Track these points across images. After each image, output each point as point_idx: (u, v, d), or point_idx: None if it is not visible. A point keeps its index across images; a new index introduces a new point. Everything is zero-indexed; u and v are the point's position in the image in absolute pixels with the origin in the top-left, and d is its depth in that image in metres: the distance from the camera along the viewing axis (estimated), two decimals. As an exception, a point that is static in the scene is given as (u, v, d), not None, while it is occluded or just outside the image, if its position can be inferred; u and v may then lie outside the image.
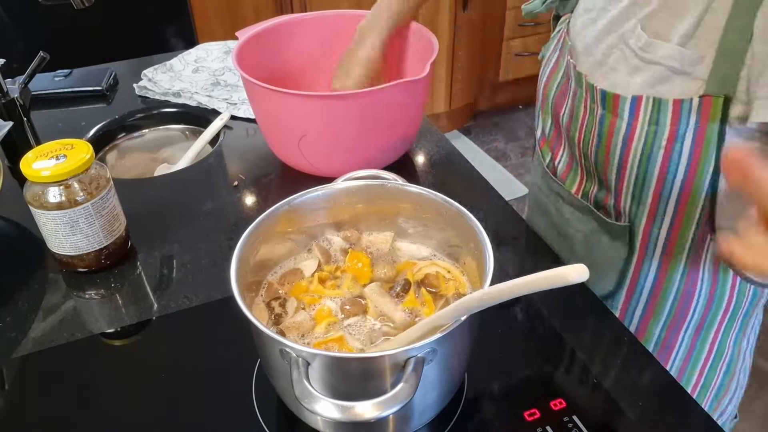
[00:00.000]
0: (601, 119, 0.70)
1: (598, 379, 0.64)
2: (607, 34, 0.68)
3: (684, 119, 0.63)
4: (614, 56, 0.67)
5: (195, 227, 0.85)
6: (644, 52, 0.63)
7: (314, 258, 0.66)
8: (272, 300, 0.62)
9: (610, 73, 0.68)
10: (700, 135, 0.63)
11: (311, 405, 0.45)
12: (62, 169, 0.70)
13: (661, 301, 0.77)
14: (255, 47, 0.92)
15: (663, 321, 0.78)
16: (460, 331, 0.51)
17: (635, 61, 0.65)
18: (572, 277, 0.42)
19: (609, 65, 0.68)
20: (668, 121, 0.64)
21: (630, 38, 0.65)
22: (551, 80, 0.81)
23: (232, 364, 0.66)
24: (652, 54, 0.63)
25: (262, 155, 0.98)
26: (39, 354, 0.68)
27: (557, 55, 0.80)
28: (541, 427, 0.59)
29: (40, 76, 1.04)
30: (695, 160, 0.64)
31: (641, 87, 0.65)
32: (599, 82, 0.69)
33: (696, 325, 0.78)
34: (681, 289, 0.75)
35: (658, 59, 0.62)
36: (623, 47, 0.66)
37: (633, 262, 0.76)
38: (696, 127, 0.63)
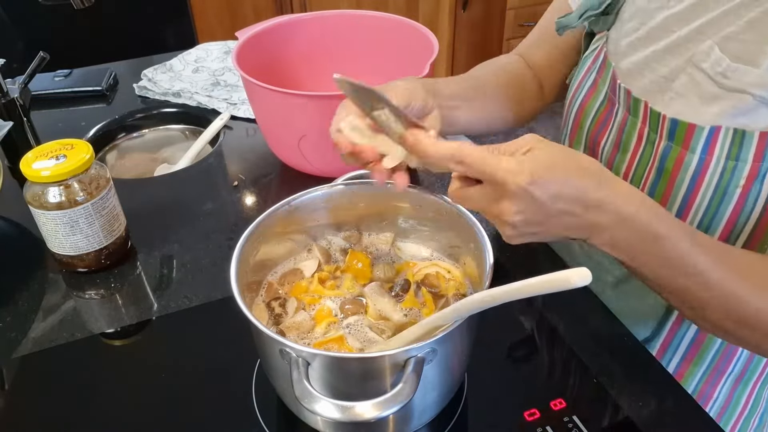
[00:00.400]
0: (664, 152, 0.60)
1: (598, 379, 0.63)
2: (670, 54, 0.60)
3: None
4: (680, 81, 0.58)
5: (195, 227, 0.85)
6: (724, 78, 0.54)
7: (314, 258, 0.66)
8: (272, 300, 0.62)
9: (675, 99, 0.59)
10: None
11: (311, 405, 0.45)
12: (62, 169, 0.70)
13: (701, 354, 0.70)
14: (255, 47, 0.92)
15: (701, 374, 0.72)
16: (460, 332, 0.51)
17: (712, 88, 0.56)
18: (574, 280, 0.41)
19: (674, 91, 0.59)
20: (751, 157, 0.55)
21: (704, 61, 0.56)
22: (587, 105, 0.71)
23: (232, 364, 0.66)
24: (735, 81, 0.54)
25: (262, 155, 0.98)
26: (39, 354, 0.68)
27: (594, 77, 0.71)
28: (541, 427, 0.59)
29: (40, 76, 1.04)
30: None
31: (718, 117, 0.56)
32: (662, 109, 0.60)
33: (736, 377, 0.72)
34: (725, 343, 0.69)
35: (743, 87, 0.54)
36: (693, 71, 0.57)
37: (675, 312, 0.69)
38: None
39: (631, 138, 0.65)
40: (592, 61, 0.72)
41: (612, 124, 0.68)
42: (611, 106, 0.68)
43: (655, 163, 0.62)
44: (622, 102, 0.65)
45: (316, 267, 0.65)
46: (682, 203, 0.61)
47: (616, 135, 0.67)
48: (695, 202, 0.60)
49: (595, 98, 0.70)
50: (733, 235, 0.60)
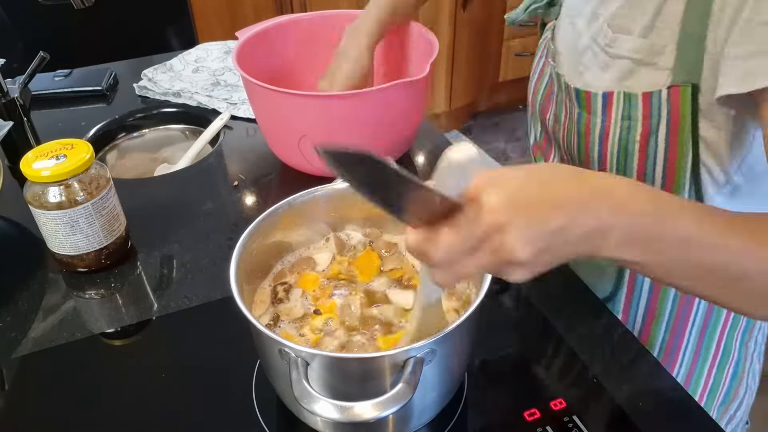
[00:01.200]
0: (578, 118, 0.70)
1: (598, 378, 0.63)
2: (581, 35, 0.69)
3: (655, 112, 0.63)
4: (587, 56, 0.68)
5: (195, 227, 0.85)
6: (610, 47, 0.64)
7: (329, 251, 0.66)
8: (278, 285, 0.62)
9: (584, 72, 0.69)
10: (674, 127, 0.62)
11: (310, 405, 0.45)
12: (62, 169, 0.70)
13: (661, 301, 0.75)
14: (255, 47, 0.92)
15: (666, 322, 0.76)
16: (460, 332, 0.51)
17: (604, 58, 0.65)
18: (453, 155, 0.40)
19: (583, 65, 0.69)
20: (640, 115, 0.64)
21: (598, 36, 0.66)
22: (538, 86, 0.82)
23: (232, 364, 0.66)
24: (617, 48, 0.64)
25: (262, 155, 0.98)
26: (39, 354, 0.68)
27: (543, 61, 0.81)
28: (541, 427, 0.59)
29: (40, 76, 1.04)
30: (672, 153, 0.64)
31: (611, 83, 0.65)
32: (574, 81, 0.70)
33: (700, 325, 0.76)
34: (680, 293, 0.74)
35: (623, 53, 0.63)
36: (594, 46, 0.67)
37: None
38: (668, 120, 0.62)
39: (561, 109, 0.75)
40: (543, 48, 0.82)
41: (552, 100, 0.78)
42: (552, 84, 0.78)
43: (575, 128, 0.72)
44: (555, 79, 0.75)
45: (330, 259, 0.65)
46: (598, 161, 0.69)
47: (555, 109, 0.77)
48: (607, 158, 0.68)
49: (543, 79, 0.81)
50: (646, 182, 0.66)
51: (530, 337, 0.70)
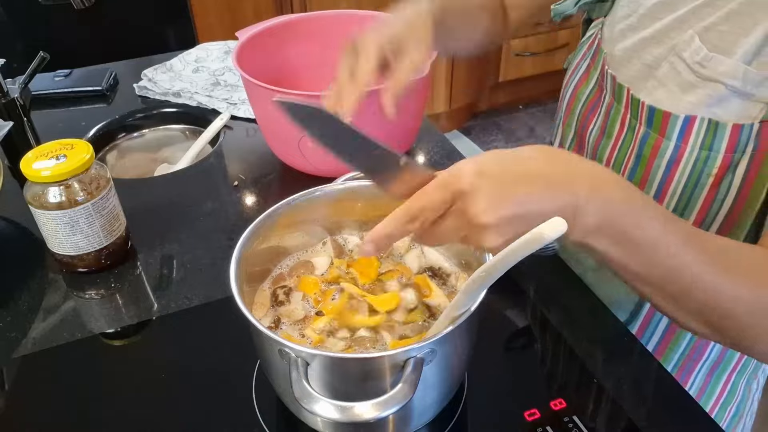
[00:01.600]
0: (643, 138, 0.62)
1: (598, 379, 0.63)
2: (655, 43, 0.61)
3: (741, 146, 0.56)
4: (663, 69, 0.60)
5: (195, 227, 0.85)
6: (701, 67, 0.56)
7: (327, 255, 0.66)
8: (278, 288, 0.62)
9: (657, 87, 0.61)
10: (755, 165, 0.56)
11: (310, 405, 0.45)
12: (62, 169, 0.70)
13: (675, 341, 0.71)
14: (255, 47, 0.92)
15: (675, 361, 0.73)
16: (460, 332, 0.51)
17: (689, 77, 0.57)
18: (548, 233, 0.40)
19: (656, 79, 0.61)
20: (723, 147, 0.57)
21: (684, 50, 0.57)
22: (579, 91, 0.73)
23: (232, 364, 0.66)
24: (710, 70, 0.56)
25: (262, 155, 0.98)
26: (39, 354, 0.68)
27: (587, 63, 0.73)
28: (541, 427, 0.59)
29: (40, 76, 1.04)
30: (745, 191, 0.58)
31: (694, 106, 0.57)
32: (644, 96, 0.62)
33: (710, 367, 0.73)
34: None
35: (717, 76, 0.55)
36: (675, 60, 0.59)
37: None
38: (752, 156, 0.56)
39: (614, 124, 0.66)
40: (588, 47, 0.74)
41: (600, 110, 0.69)
42: (600, 92, 0.69)
43: (635, 149, 0.64)
44: (609, 88, 0.67)
45: (328, 264, 0.65)
46: (657, 189, 0.62)
47: (603, 121, 0.69)
48: (670, 188, 0.61)
49: (587, 84, 0.72)
50: (705, 223, 0.61)
51: (531, 338, 0.70)
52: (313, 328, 0.58)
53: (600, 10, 0.71)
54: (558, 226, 0.40)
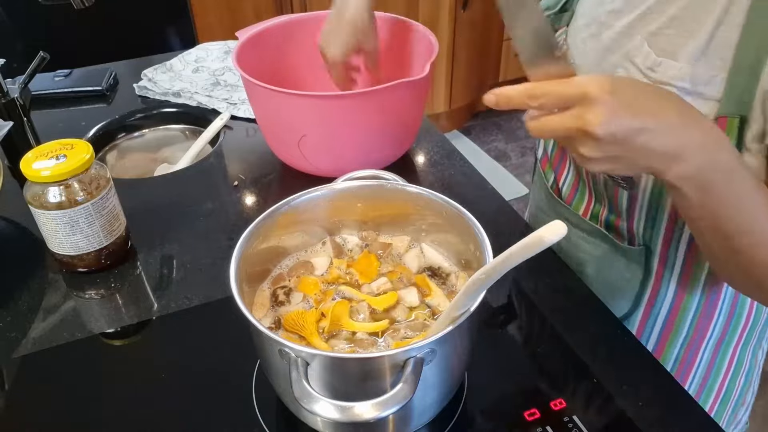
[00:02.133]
0: None
1: (598, 379, 0.63)
2: (610, 51, 0.64)
3: None
4: (618, 75, 0.63)
5: (195, 227, 0.85)
6: (652, 72, 0.59)
7: (326, 255, 0.66)
8: (278, 288, 0.62)
9: None
10: None
11: (310, 405, 0.45)
12: (62, 169, 0.70)
13: (679, 321, 0.73)
14: (255, 47, 0.92)
15: (682, 340, 0.75)
16: (460, 332, 0.51)
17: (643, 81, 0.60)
18: (548, 237, 0.42)
19: None
20: None
21: (636, 56, 0.61)
22: None
23: (232, 364, 0.66)
24: (660, 74, 0.59)
25: (262, 155, 0.98)
26: (39, 354, 0.68)
27: None
28: (541, 427, 0.59)
29: (40, 76, 1.04)
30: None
31: None
32: None
33: (716, 342, 0.75)
34: (701, 308, 0.72)
35: (667, 80, 0.58)
36: (628, 65, 0.62)
37: (650, 284, 0.72)
38: None
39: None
40: None
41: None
42: None
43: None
44: None
45: (328, 264, 0.65)
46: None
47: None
48: (640, 185, 0.65)
49: None
50: (678, 224, 0.66)
51: (530, 337, 0.70)
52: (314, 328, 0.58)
53: (561, 20, 0.75)
54: (558, 230, 0.41)
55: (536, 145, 0.86)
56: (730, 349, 0.76)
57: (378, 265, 0.65)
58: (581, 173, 0.75)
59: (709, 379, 0.77)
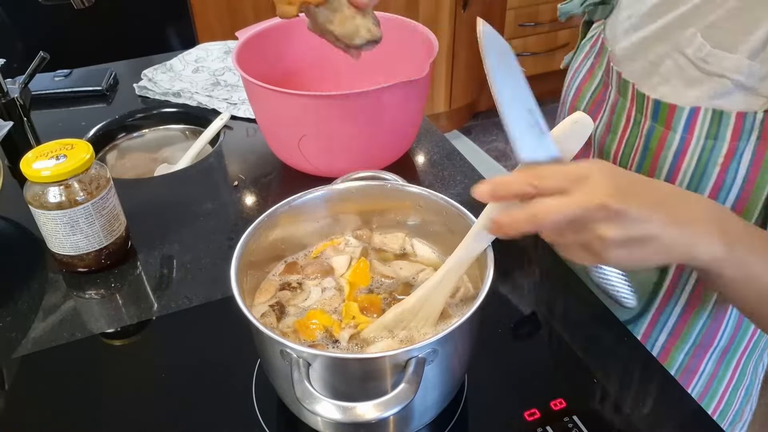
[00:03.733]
0: (649, 132, 0.64)
1: (598, 379, 0.63)
2: (658, 41, 0.62)
3: (745, 134, 0.57)
4: (666, 66, 0.61)
5: (195, 227, 0.85)
6: (705, 63, 0.58)
7: (347, 254, 0.66)
8: (288, 277, 0.63)
9: (661, 83, 0.62)
10: (760, 153, 0.58)
11: (312, 406, 0.45)
12: (62, 169, 0.70)
13: (687, 329, 0.72)
14: (255, 47, 0.92)
15: (688, 348, 0.73)
16: (461, 332, 0.51)
17: (693, 72, 0.59)
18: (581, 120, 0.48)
19: (660, 75, 0.62)
20: (728, 136, 0.58)
21: (687, 47, 0.59)
22: (583, 89, 0.75)
23: (232, 365, 0.66)
24: (714, 66, 0.57)
25: (262, 155, 0.98)
26: (39, 354, 0.68)
27: (591, 62, 0.74)
28: (541, 427, 0.59)
29: (40, 76, 1.04)
30: (751, 180, 0.59)
31: (698, 100, 0.59)
32: (648, 92, 0.63)
33: (721, 351, 0.73)
34: (711, 316, 0.70)
35: (721, 71, 0.57)
36: (678, 56, 0.60)
37: (663, 288, 0.70)
38: (756, 144, 0.58)
39: (620, 119, 0.68)
40: (590, 47, 0.76)
41: (605, 107, 0.70)
42: (605, 89, 0.70)
43: (641, 143, 0.65)
44: (614, 84, 0.68)
45: (348, 265, 0.65)
46: (665, 180, 0.64)
47: (608, 117, 0.70)
48: (677, 179, 0.63)
49: (591, 82, 0.73)
50: None
51: (530, 337, 0.70)
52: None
53: (602, 13, 0.73)
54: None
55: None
56: (734, 358, 0.75)
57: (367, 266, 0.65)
58: (594, 138, 0.73)
59: (710, 389, 0.76)
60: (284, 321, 0.60)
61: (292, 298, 0.61)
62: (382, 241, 0.68)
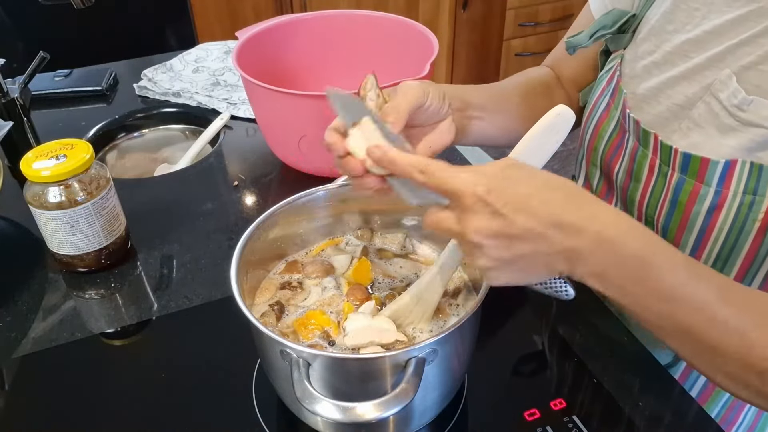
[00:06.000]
0: (678, 184, 0.58)
1: (598, 379, 0.63)
2: (686, 82, 0.57)
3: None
4: (698, 110, 0.56)
5: (195, 227, 0.85)
6: (740, 111, 0.52)
7: (348, 254, 0.66)
8: (289, 277, 0.63)
9: (692, 129, 0.56)
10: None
11: (312, 406, 0.45)
12: (62, 169, 0.70)
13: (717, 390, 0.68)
14: (255, 47, 0.92)
15: (724, 401, 0.69)
16: (461, 332, 0.51)
17: (728, 120, 0.53)
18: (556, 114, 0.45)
19: (692, 120, 0.56)
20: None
21: (722, 91, 0.54)
22: (602, 128, 0.68)
23: (232, 364, 0.66)
24: (751, 114, 0.52)
25: (262, 155, 0.98)
26: (39, 354, 0.68)
27: (607, 101, 0.68)
28: (541, 427, 0.59)
29: (40, 76, 1.04)
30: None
31: (733, 151, 0.53)
32: (678, 139, 0.57)
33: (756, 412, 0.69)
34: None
35: (759, 120, 0.51)
36: (711, 100, 0.55)
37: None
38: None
39: (642, 168, 0.62)
40: (607, 82, 0.69)
41: (624, 152, 0.65)
42: (623, 133, 0.65)
43: (669, 195, 0.60)
44: (632, 131, 0.63)
45: (349, 264, 0.65)
46: (698, 236, 0.58)
47: (628, 163, 0.64)
48: (712, 236, 0.57)
49: (609, 122, 0.68)
50: (752, 269, 0.57)
51: (531, 337, 0.70)
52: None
53: (619, 43, 0.68)
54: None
55: (576, 173, 0.78)
56: None
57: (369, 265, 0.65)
58: (632, 214, 0.65)
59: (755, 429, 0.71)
60: (283, 320, 0.60)
61: (292, 298, 0.61)
62: (382, 240, 0.68)
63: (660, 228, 0.62)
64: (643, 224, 0.45)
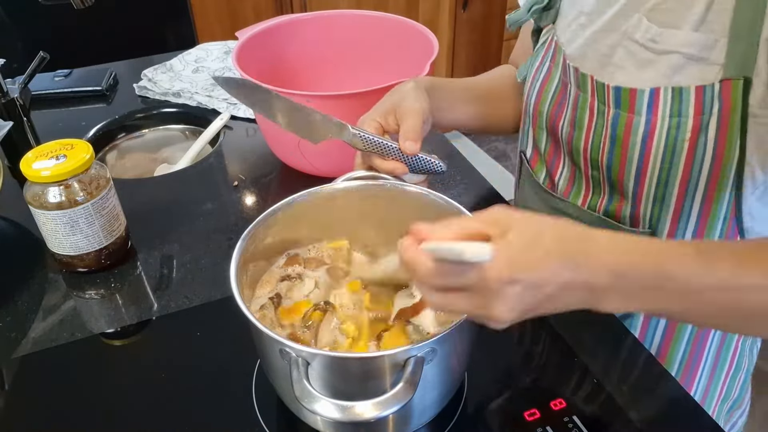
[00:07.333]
0: (614, 120, 0.65)
1: (598, 379, 0.63)
2: (606, 33, 0.65)
3: (707, 108, 0.59)
4: (618, 55, 0.64)
5: (195, 227, 0.85)
6: (654, 43, 0.60)
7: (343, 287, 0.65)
8: (289, 270, 0.63)
9: (616, 72, 0.64)
10: (724, 124, 0.59)
11: (311, 405, 0.45)
12: (62, 169, 0.70)
13: (680, 327, 0.72)
14: (255, 47, 0.92)
15: (686, 339, 0.73)
16: (460, 331, 0.51)
17: (645, 55, 0.61)
18: (467, 256, 0.42)
19: (614, 64, 0.65)
20: (691, 111, 0.59)
21: (635, 33, 0.62)
22: (543, 93, 0.76)
23: (232, 364, 0.66)
24: (664, 44, 0.60)
25: (262, 155, 0.98)
26: (39, 354, 0.68)
27: (548, 65, 0.76)
28: (541, 427, 0.59)
29: (40, 76, 1.04)
30: (720, 151, 0.60)
31: (655, 80, 0.61)
32: (607, 81, 0.65)
33: (720, 336, 0.74)
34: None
35: (672, 48, 0.59)
36: (628, 43, 0.63)
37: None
38: (719, 116, 0.59)
39: (584, 113, 0.69)
40: (544, 52, 0.77)
41: (567, 105, 0.72)
42: (565, 88, 0.72)
43: (608, 133, 0.66)
44: (573, 81, 0.70)
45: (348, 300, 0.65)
46: (638, 165, 0.65)
47: (571, 113, 0.71)
48: (650, 161, 0.64)
49: (550, 84, 0.75)
50: (690, 186, 0.64)
51: (531, 338, 0.70)
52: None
53: (548, 18, 0.76)
54: (481, 254, 0.42)
55: (524, 145, 0.86)
56: (732, 344, 0.75)
57: None
58: (578, 165, 0.74)
59: (713, 378, 0.77)
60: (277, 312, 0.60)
61: (289, 290, 0.61)
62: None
63: (605, 167, 0.69)
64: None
